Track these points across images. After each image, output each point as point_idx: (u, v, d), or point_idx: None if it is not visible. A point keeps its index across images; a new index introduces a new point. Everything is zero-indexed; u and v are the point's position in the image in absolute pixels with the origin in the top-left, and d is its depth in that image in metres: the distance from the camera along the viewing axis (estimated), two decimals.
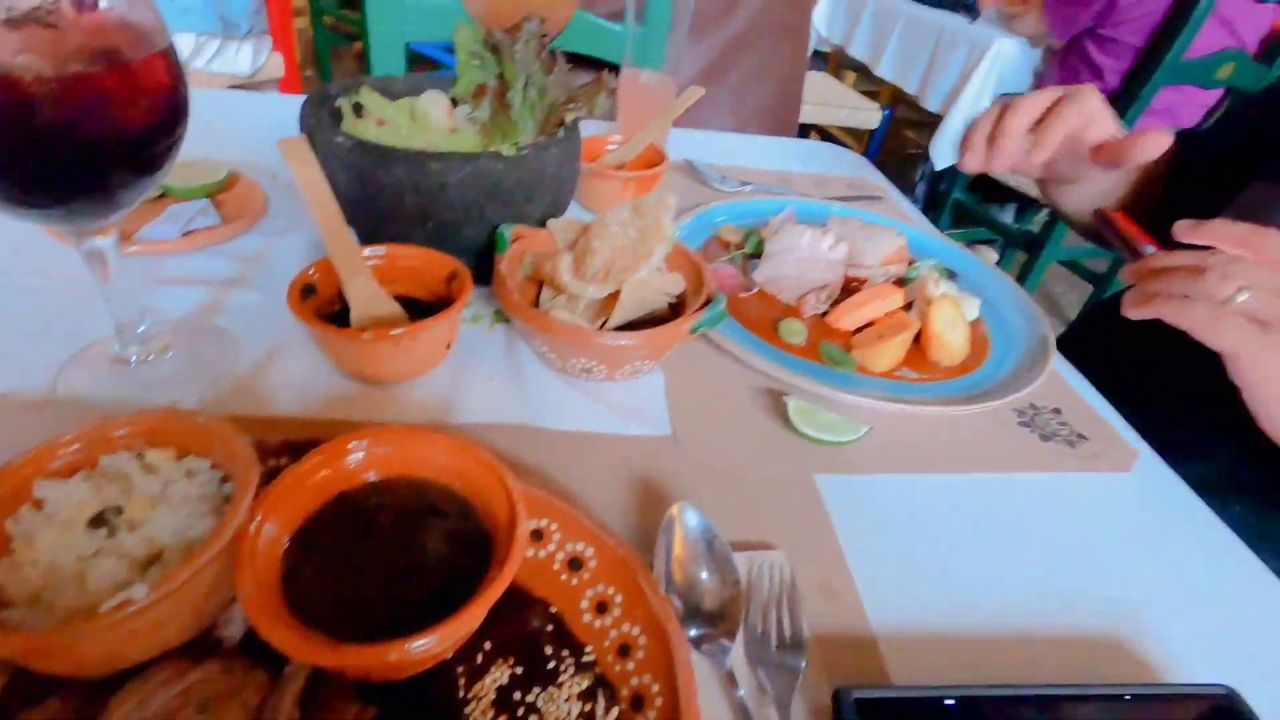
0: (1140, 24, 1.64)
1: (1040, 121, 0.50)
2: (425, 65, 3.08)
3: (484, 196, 0.44)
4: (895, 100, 2.54)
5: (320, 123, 0.44)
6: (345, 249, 0.40)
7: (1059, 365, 0.52)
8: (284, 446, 0.30)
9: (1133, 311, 0.40)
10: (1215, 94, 1.75)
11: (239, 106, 0.75)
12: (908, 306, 0.50)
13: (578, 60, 1.05)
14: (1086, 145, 0.50)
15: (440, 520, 0.27)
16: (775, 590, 0.31)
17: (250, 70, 1.61)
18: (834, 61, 2.72)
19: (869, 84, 2.61)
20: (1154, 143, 0.47)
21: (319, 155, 0.40)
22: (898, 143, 3.02)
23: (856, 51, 2.38)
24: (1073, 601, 0.35)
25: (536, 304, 0.44)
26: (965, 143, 0.53)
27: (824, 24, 2.52)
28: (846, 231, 0.55)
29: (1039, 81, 1.98)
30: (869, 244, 0.54)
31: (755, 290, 0.52)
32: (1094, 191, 0.60)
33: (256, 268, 0.49)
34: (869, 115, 2.16)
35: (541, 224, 0.47)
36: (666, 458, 0.38)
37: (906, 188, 2.27)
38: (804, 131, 2.63)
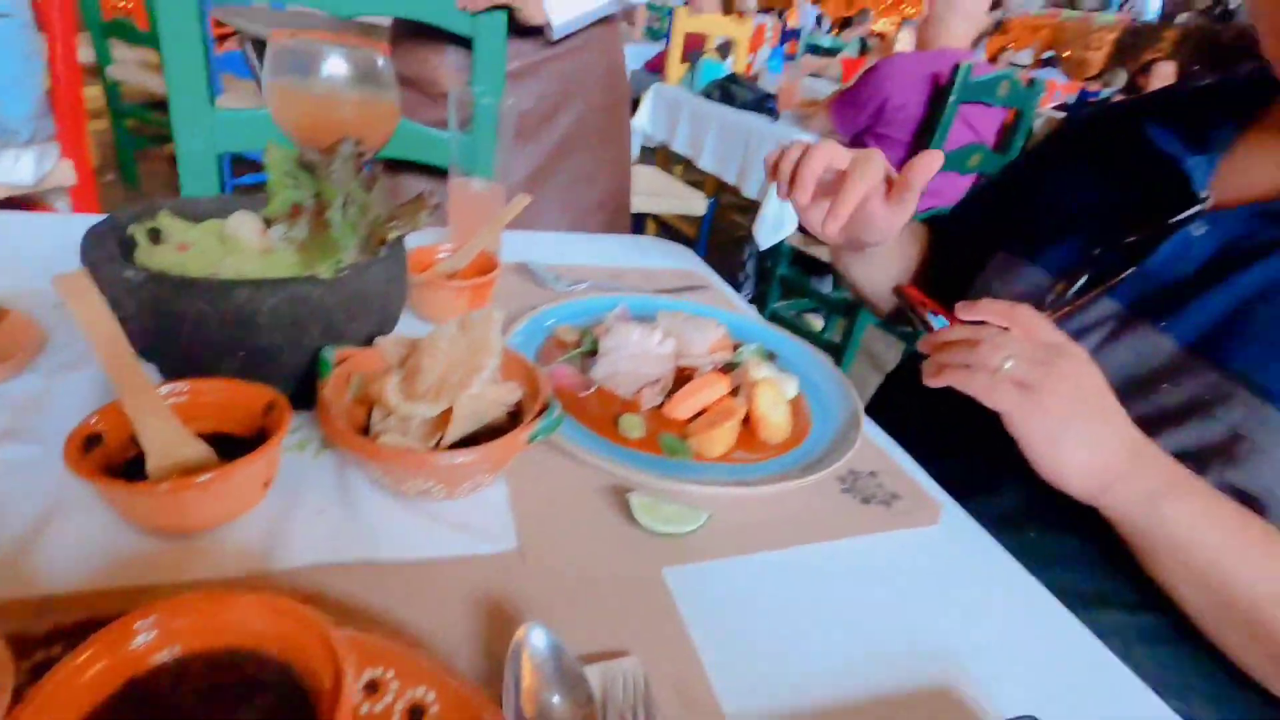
0: (905, 124, 1.96)
1: (835, 188, 0.57)
2: (251, 166, 2.94)
3: (303, 321, 0.42)
4: (720, 188, 2.79)
5: (106, 255, 0.40)
6: (137, 389, 0.36)
7: (871, 429, 0.58)
8: (55, 634, 0.26)
9: (930, 381, 0.46)
10: (970, 178, 2.11)
11: (12, 228, 0.67)
12: (735, 392, 0.54)
13: (410, 166, 1.06)
14: (874, 209, 0.58)
15: (256, 694, 0.25)
16: (629, 700, 0.31)
17: (34, 179, 1.46)
18: (662, 156, 2.95)
19: (697, 174, 2.85)
20: (928, 162, 0.55)
21: (106, 291, 0.37)
22: (727, 224, 3.29)
23: (679, 148, 2.60)
24: (905, 656, 0.37)
25: (367, 427, 0.42)
26: (773, 171, 0.60)
27: (649, 124, 2.74)
28: (674, 325, 0.58)
29: None
30: (695, 335, 0.58)
31: (594, 388, 0.54)
32: (881, 263, 0.69)
33: (31, 415, 0.43)
34: (696, 203, 2.34)
35: (369, 343, 0.46)
36: (515, 574, 0.38)
37: (738, 265, 2.48)
38: (641, 220, 2.81)
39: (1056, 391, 0.42)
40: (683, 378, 0.56)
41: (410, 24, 1.06)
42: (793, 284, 2.30)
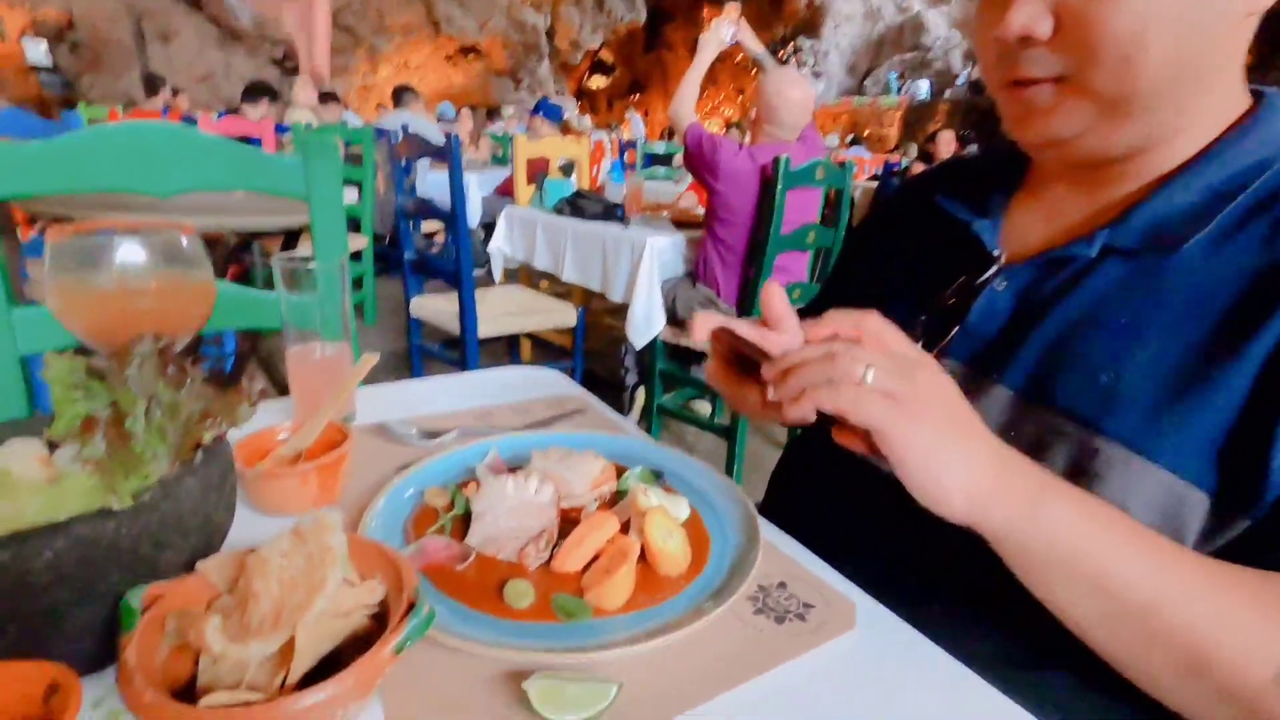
0: (742, 216, 2.11)
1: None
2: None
3: (96, 567, 0.35)
4: (587, 295, 2.85)
5: None
6: None
7: (770, 532, 0.56)
8: None
9: (792, 410, 0.41)
10: (808, 253, 2.29)
11: None
12: (626, 527, 0.51)
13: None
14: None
15: None
16: None
17: None
18: (525, 275, 2.99)
19: (563, 285, 2.89)
20: (773, 291, 0.51)
21: None
22: (602, 328, 3.35)
23: (540, 264, 2.65)
24: None
25: (194, 679, 0.35)
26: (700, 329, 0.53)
27: (507, 246, 2.78)
28: (550, 466, 0.55)
29: (692, 262, 2.38)
30: (574, 473, 0.55)
31: (472, 557, 0.49)
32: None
33: None
34: (567, 315, 2.37)
35: (190, 569, 0.39)
36: None
37: (618, 364, 2.50)
38: (516, 341, 2.79)
39: (925, 401, 0.40)
40: (570, 521, 0.52)
41: None
42: (673, 376, 2.35)
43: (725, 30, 2.32)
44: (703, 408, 2.60)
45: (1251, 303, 0.45)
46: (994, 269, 0.56)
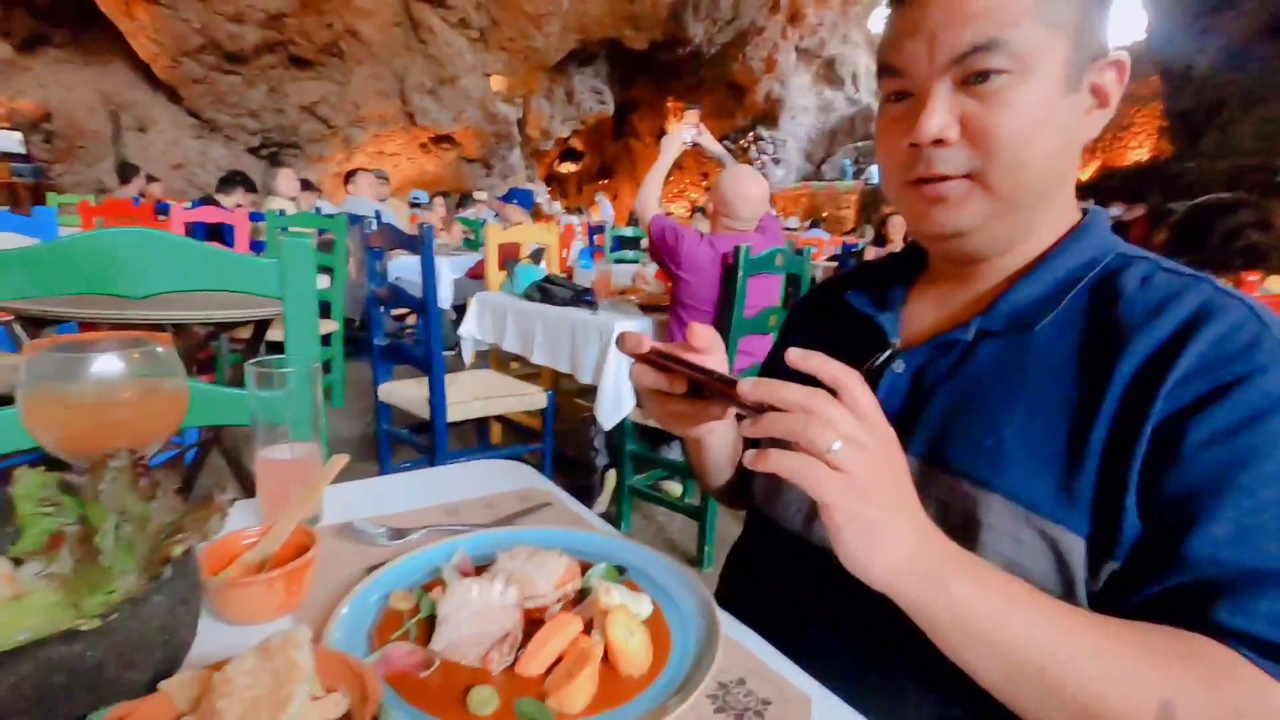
0: (706, 302, 2.20)
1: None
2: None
3: (59, 692, 0.35)
4: (557, 377, 2.88)
5: None
6: None
7: (729, 624, 0.57)
8: None
9: (755, 465, 0.44)
10: (770, 335, 2.37)
11: None
12: (589, 627, 0.52)
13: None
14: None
15: None
16: None
17: None
18: (495, 359, 3.02)
19: (533, 367, 2.92)
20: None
21: None
22: (571, 409, 3.36)
23: (510, 347, 2.69)
24: None
25: None
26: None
27: (477, 330, 2.82)
28: (515, 566, 0.56)
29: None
30: (539, 572, 0.56)
31: (437, 664, 0.49)
32: (718, 443, 0.73)
33: None
34: (536, 397, 2.39)
35: (153, 688, 0.39)
36: None
37: (588, 445, 2.50)
38: (486, 424, 2.79)
39: (879, 484, 0.43)
40: (535, 622, 0.53)
41: None
42: (643, 457, 2.36)
43: (686, 133, 2.49)
44: (673, 488, 2.60)
45: (1094, 370, 0.53)
46: (888, 353, 0.65)
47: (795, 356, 0.45)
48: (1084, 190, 10.18)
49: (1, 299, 0.84)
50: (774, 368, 0.83)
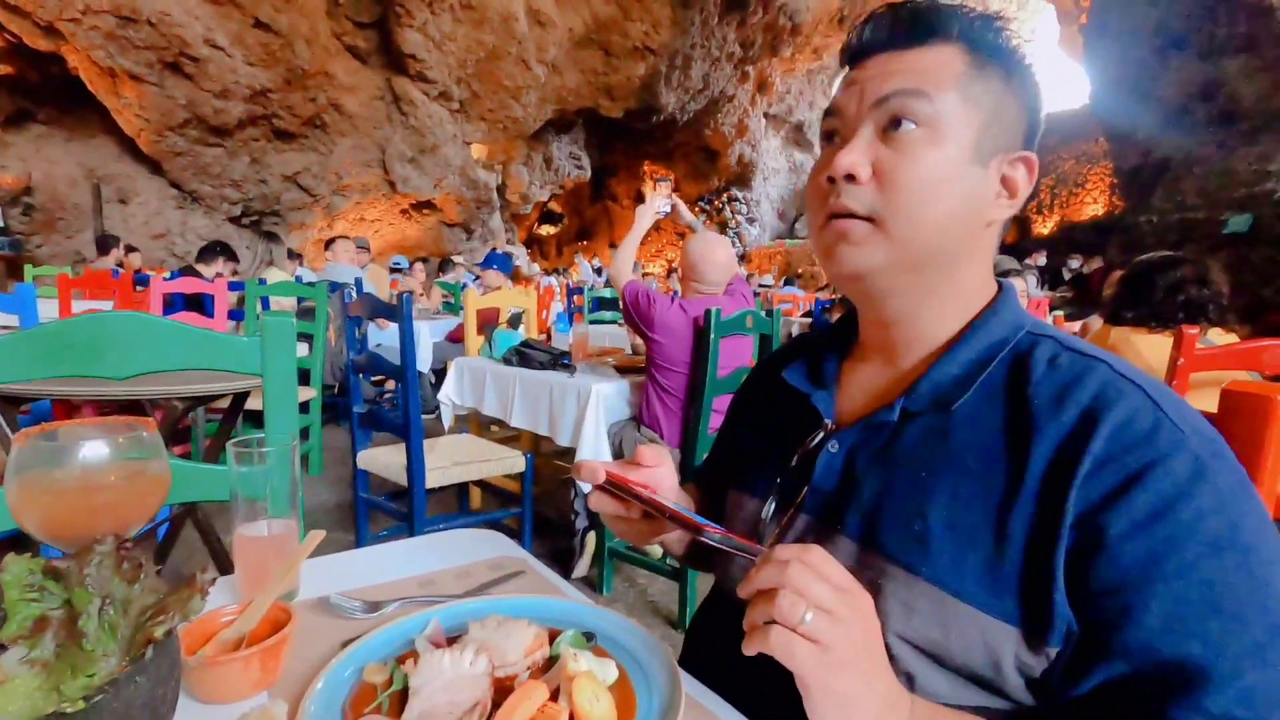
0: (679, 364, 2.25)
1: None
2: None
3: None
4: (536, 440, 2.90)
5: None
6: None
7: (690, 686, 0.59)
8: None
9: (745, 649, 0.48)
10: None
11: None
12: (556, 694, 0.54)
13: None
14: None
15: None
16: None
17: None
18: (474, 423, 3.03)
19: (512, 430, 2.94)
20: (642, 452, 0.67)
21: None
22: (551, 471, 3.36)
23: (489, 411, 2.72)
24: None
25: None
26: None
27: (455, 394, 2.85)
28: (485, 635, 0.59)
29: (636, 406, 2.48)
30: (509, 641, 0.58)
31: None
32: (676, 537, 0.77)
33: None
34: (515, 461, 2.40)
35: None
36: None
37: (568, 506, 2.50)
38: (465, 488, 2.78)
39: (851, 653, 0.47)
40: (504, 690, 0.55)
41: None
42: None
43: (660, 203, 2.61)
44: (654, 550, 2.59)
45: (1010, 454, 0.55)
46: (822, 434, 0.67)
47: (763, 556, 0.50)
48: (1045, 244, 10.63)
49: None
50: (728, 443, 0.86)
